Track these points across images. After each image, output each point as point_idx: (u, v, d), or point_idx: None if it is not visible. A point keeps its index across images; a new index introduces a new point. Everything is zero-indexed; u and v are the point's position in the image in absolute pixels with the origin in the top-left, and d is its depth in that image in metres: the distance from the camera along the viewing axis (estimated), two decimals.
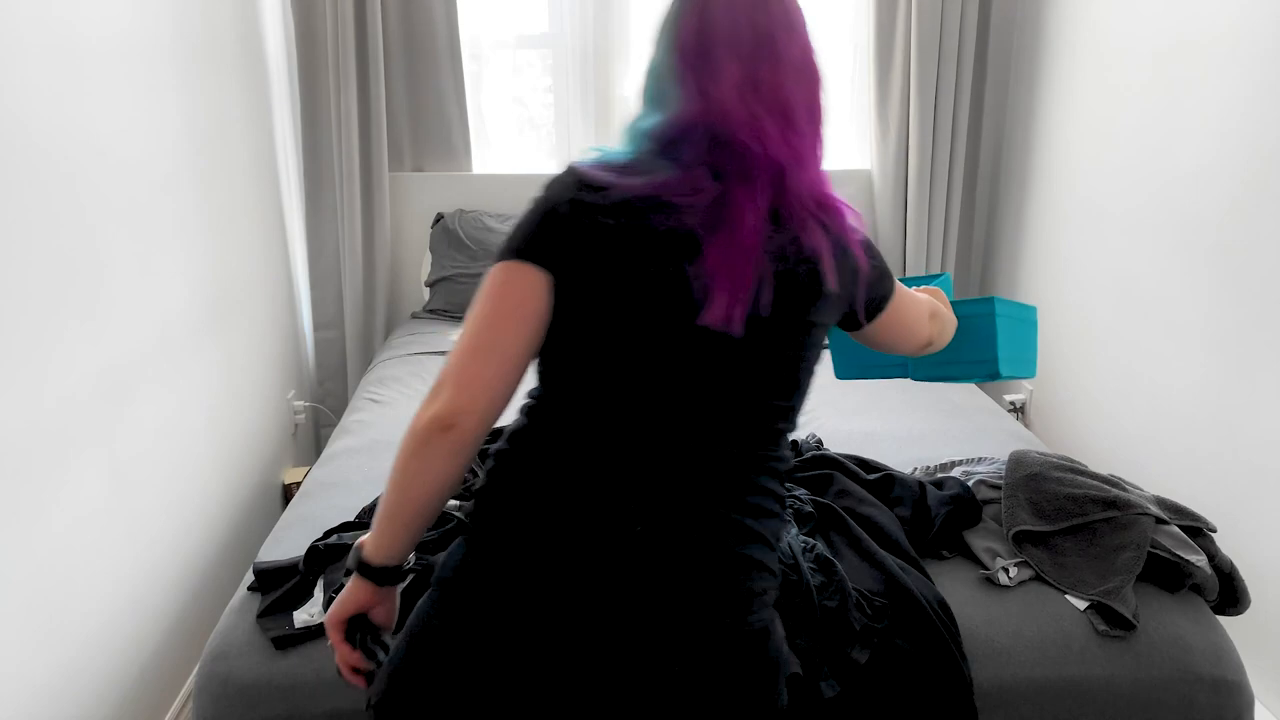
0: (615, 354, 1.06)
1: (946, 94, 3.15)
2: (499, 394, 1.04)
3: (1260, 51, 2.06)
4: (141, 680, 1.89)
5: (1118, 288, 2.62)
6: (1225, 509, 2.18)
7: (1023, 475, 1.70)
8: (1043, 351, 3.05)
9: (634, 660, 1.02)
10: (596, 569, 1.03)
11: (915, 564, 1.57)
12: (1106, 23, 2.67)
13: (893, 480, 1.78)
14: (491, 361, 1.03)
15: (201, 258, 2.25)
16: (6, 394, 1.47)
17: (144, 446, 1.92)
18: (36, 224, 1.56)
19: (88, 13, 1.75)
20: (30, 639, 1.53)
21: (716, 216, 1.04)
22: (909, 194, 3.25)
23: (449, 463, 1.03)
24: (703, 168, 1.05)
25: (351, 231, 3.14)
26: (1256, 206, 2.08)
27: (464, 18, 3.14)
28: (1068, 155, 2.89)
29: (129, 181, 1.89)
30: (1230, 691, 1.48)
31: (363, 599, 1.09)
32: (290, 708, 1.40)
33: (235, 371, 2.47)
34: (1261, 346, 2.07)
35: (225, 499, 2.36)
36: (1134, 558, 1.55)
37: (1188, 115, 2.31)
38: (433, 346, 2.83)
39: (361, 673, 1.13)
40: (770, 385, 1.09)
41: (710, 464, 1.07)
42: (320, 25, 3.02)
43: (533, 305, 1.05)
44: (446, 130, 3.21)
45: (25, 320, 1.52)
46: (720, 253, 1.03)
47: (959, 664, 1.42)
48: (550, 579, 1.04)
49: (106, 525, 1.77)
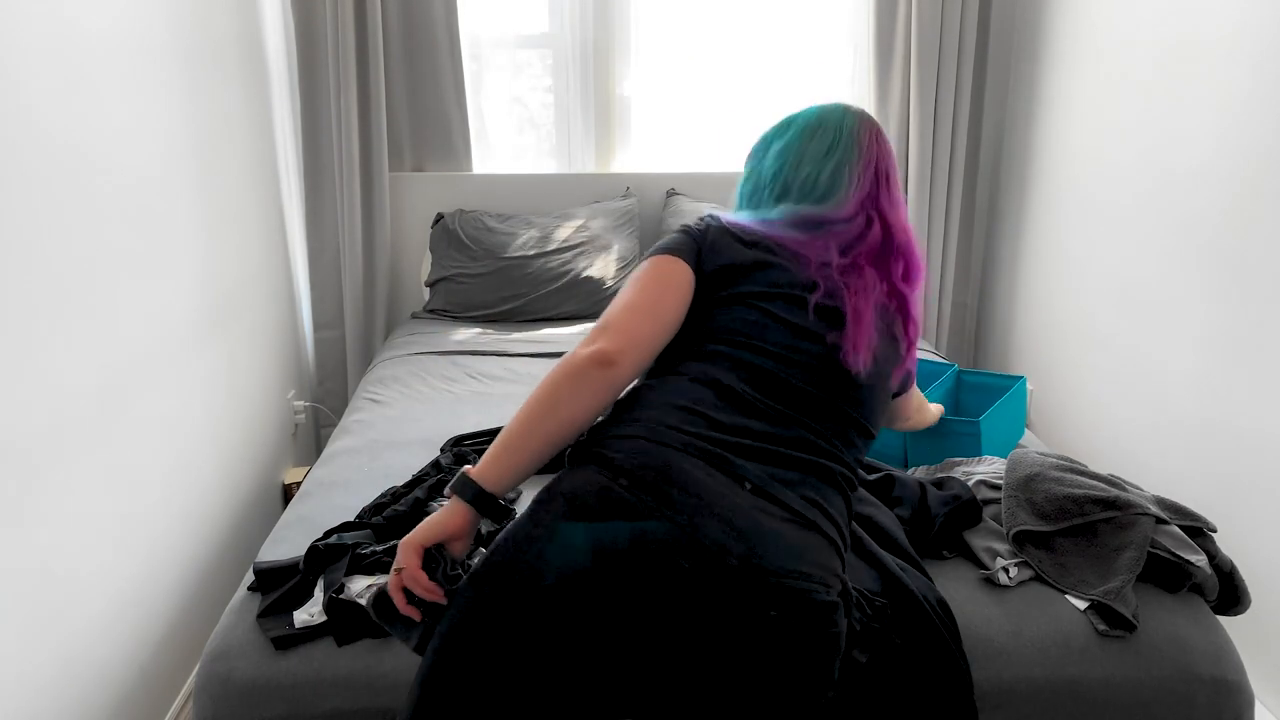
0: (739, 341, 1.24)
1: (946, 94, 3.15)
2: (651, 347, 1.21)
3: (1260, 51, 2.06)
4: (141, 680, 1.89)
5: (1118, 287, 2.62)
6: (1225, 509, 2.18)
7: (1023, 475, 1.70)
8: (1043, 351, 3.05)
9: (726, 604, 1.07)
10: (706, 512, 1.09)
11: (915, 564, 1.57)
12: (1106, 22, 2.67)
13: (893, 480, 1.78)
14: (651, 320, 1.21)
15: (201, 258, 2.25)
16: (7, 394, 1.47)
17: (144, 446, 1.92)
18: (37, 224, 1.56)
19: (88, 13, 1.75)
20: (30, 639, 1.53)
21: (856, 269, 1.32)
22: (909, 194, 3.25)
23: (599, 397, 1.14)
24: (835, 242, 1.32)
25: (351, 231, 3.14)
26: (1256, 206, 2.08)
27: (464, 18, 3.14)
28: (1068, 155, 2.89)
29: (129, 181, 1.89)
30: (1230, 691, 1.48)
31: (454, 525, 1.13)
32: (290, 708, 1.40)
33: (235, 371, 2.47)
34: (1262, 346, 2.07)
35: (225, 499, 2.36)
36: (1134, 558, 1.55)
37: (1188, 114, 2.31)
38: (433, 346, 2.82)
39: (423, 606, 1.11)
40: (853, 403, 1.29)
41: (803, 451, 1.20)
42: (320, 25, 3.02)
43: (684, 288, 1.26)
44: (446, 130, 3.21)
45: (25, 320, 1.52)
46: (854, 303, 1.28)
47: (959, 664, 1.42)
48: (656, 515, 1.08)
49: (106, 525, 1.77)
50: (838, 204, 1.35)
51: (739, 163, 3.30)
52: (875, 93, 3.21)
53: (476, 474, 1.13)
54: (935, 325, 3.41)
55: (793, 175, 1.37)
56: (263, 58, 2.81)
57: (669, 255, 1.28)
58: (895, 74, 3.18)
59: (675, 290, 1.25)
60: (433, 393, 2.48)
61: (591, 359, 1.14)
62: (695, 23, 3.25)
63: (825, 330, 1.27)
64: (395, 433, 2.20)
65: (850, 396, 1.28)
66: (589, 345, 1.16)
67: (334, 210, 3.18)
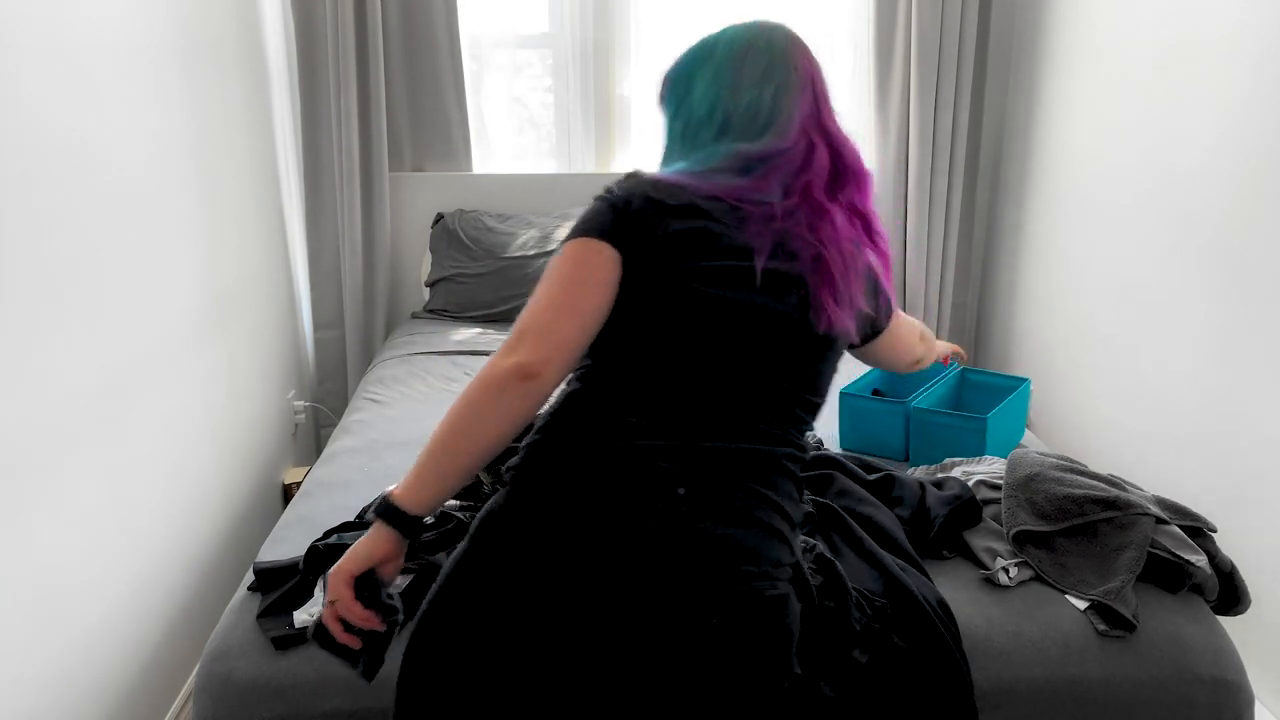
0: (671, 329, 1.15)
1: (946, 94, 3.15)
2: (575, 351, 1.11)
3: (1260, 51, 2.06)
4: (141, 680, 1.89)
5: (1118, 287, 2.62)
6: (1225, 509, 2.18)
7: (1023, 475, 1.70)
8: (1043, 351, 3.05)
9: (667, 615, 1.06)
10: (640, 526, 1.07)
11: (915, 564, 1.57)
12: (1106, 22, 2.67)
13: (893, 480, 1.78)
14: (572, 319, 1.10)
15: (201, 258, 2.25)
16: (7, 393, 1.47)
17: (144, 446, 1.92)
18: (37, 224, 1.56)
19: (87, 13, 1.74)
20: (30, 639, 1.53)
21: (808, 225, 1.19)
22: (909, 194, 3.25)
23: (522, 411, 1.07)
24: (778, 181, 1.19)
25: (351, 231, 3.14)
26: (1256, 206, 2.08)
27: (464, 18, 3.14)
28: (1068, 155, 2.89)
29: (129, 181, 1.89)
30: (1230, 691, 1.48)
31: (381, 551, 1.10)
32: (290, 708, 1.40)
33: (235, 371, 2.47)
34: (1262, 345, 2.07)
35: (225, 499, 2.36)
36: (1134, 558, 1.55)
37: (1187, 114, 2.31)
38: (433, 346, 2.82)
39: (361, 634, 1.11)
40: (803, 379, 1.20)
41: (746, 441, 1.15)
42: (320, 25, 3.02)
43: (606, 275, 1.13)
44: (446, 130, 3.21)
45: (25, 320, 1.52)
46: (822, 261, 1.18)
47: (959, 664, 1.42)
48: (592, 531, 1.08)
49: (106, 525, 1.77)
50: (779, 133, 1.21)
51: None
52: (875, 93, 3.21)
53: (399, 497, 1.09)
54: (935, 325, 3.41)
55: (732, 105, 1.23)
56: (263, 58, 2.81)
57: (588, 239, 1.15)
58: (895, 74, 3.18)
59: (597, 282, 1.13)
60: (433, 393, 2.48)
61: (512, 373, 1.06)
62: (695, 23, 3.25)
63: (779, 295, 1.16)
64: (395, 433, 2.20)
65: (806, 365, 1.20)
66: (508, 356, 1.07)
67: (334, 210, 3.18)
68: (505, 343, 1.09)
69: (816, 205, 1.20)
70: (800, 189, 1.19)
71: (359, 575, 1.10)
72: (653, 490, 1.09)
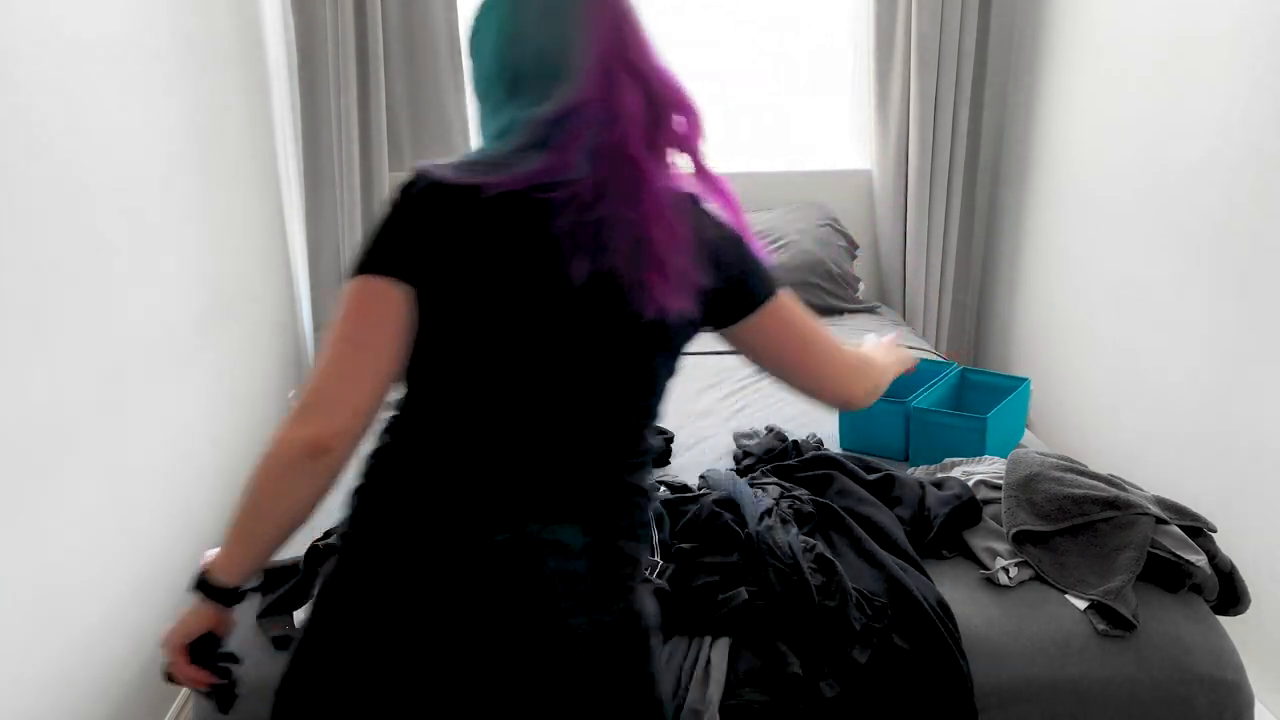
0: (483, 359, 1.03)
1: (946, 94, 3.15)
2: (369, 414, 1.01)
3: (1260, 49, 2.06)
4: (141, 680, 1.89)
5: (1118, 287, 2.62)
6: (1225, 509, 2.18)
7: (1023, 475, 1.70)
8: (1043, 350, 3.05)
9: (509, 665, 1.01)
10: (460, 578, 1.02)
11: (915, 564, 1.57)
12: (1106, 19, 2.67)
13: (893, 480, 1.78)
14: (361, 383, 1.00)
15: (201, 258, 2.25)
16: (7, 394, 1.47)
17: (144, 446, 1.92)
18: (37, 224, 1.56)
19: (87, 13, 1.75)
20: (30, 639, 1.53)
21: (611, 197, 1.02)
22: (909, 194, 3.25)
23: (317, 486, 1.01)
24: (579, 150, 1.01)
25: (351, 231, 3.14)
26: (1257, 202, 2.08)
27: (464, 18, 3.14)
28: (1068, 154, 2.89)
29: (129, 181, 1.89)
30: (1229, 691, 1.48)
31: (205, 622, 1.07)
32: None
33: (235, 371, 2.47)
34: (1262, 345, 2.07)
35: (225, 499, 2.36)
36: (1134, 558, 1.55)
37: (1187, 113, 2.31)
38: None
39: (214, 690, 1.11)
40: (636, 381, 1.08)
41: (575, 468, 1.06)
42: (320, 25, 3.02)
43: (394, 320, 1.01)
44: (446, 130, 3.20)
45: (25, 320, 1.52)
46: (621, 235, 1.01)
47: (959, 664, 1.42)
48: (418, 589, 1.03)
49: (106, 525, 1.77)
50: (573, 82, 1.02)
51: (739, 163, 3.32)
52: (875, 93, 3.21)
53: (215, 570, 1.05)
54: (935, 325, 3.40)
55: (517, 55, 1.06)
56: (263, 57, 2.81)
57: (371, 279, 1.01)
58: (895, 74, 3.18)
59: (386, 332, 1.01)
60: None
61: (301, 451, 0.97)
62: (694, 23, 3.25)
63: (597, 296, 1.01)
64: None
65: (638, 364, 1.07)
66: (298, 428, 0.98)
67: (334, 210, 3.18)
68: (293, 409, 0.99)
69: (632, 168, 1.02)
70: (609, 151, 1.02)
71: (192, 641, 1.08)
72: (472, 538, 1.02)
